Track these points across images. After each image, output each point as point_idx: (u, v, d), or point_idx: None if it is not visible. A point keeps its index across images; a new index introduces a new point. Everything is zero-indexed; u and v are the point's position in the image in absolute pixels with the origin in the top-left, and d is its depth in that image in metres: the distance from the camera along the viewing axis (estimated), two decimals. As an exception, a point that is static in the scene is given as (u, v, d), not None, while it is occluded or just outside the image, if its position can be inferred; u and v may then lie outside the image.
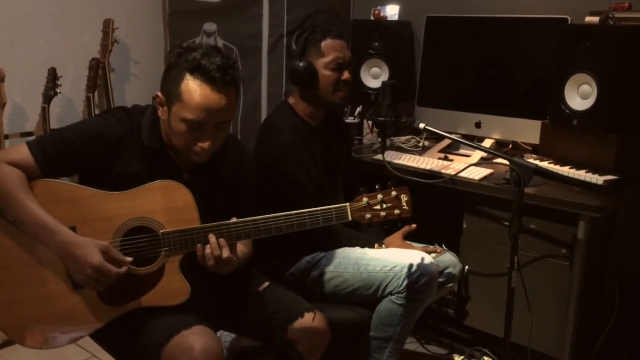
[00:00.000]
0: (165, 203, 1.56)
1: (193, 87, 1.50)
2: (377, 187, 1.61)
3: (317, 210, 1.58)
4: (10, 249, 1.55)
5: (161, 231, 1.56)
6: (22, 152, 1.55)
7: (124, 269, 1.51)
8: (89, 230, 1.53)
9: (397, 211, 1.59)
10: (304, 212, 1.57)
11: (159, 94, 1.57)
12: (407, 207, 1.60)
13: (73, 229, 1.53)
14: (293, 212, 1.57)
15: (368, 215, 1.59)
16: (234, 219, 1.56)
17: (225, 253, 1.53)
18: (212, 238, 1.53)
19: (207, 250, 1.53)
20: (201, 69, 1.50)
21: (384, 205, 1.59)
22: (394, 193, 1.59)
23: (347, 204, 1.59)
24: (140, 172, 1.59)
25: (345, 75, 2.05)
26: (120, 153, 1.59)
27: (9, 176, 1.51)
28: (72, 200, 1.55)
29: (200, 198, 1.58)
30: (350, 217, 1.59)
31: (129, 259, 1.53)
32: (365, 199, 1.59)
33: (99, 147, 1.57)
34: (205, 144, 1.55)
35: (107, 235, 1.55)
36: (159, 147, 1.62)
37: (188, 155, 1.60)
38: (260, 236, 1.58)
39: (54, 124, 2.62)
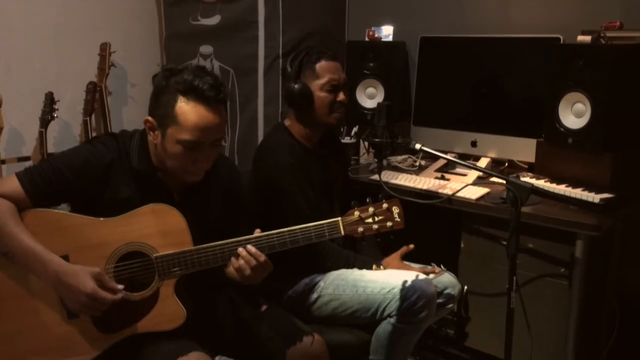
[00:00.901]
0: (158, 227, 1.56)
1: (188, 109, 1.51)
2: (368, 200, 1.61)
3: (310, 226, 1.57)
4: (3, 282, 1.54)
5: (154, 255, 1.55)
6: (11, 183, 1.55)
7: (119, 295, 1.50)
8: (81, 258, 1.53)
9: (389, 223, 1.58)
10: (296, 229, 1.57)
11: (150, 118, 1.57)
12: (399, 219, 1.59)
13: (66, 257, 1.52)
14: (285, 229, 1.57)
15: (361, 229, 1.58)
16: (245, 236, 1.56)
17: (261, 258, 1.54)
18: (242, 252, 1.54)
19: (242, 262, 1.53)
20: (194, 90, 1.51)
21: (376, 218, 1.58)
22: (385, 205, 1.58)
23: (339, 218, 1.58)
24: (131, 197, 1.59)
25: (341, 96, 2.06)
26: (110, 179, 1.59)
27: None
28: (64, 228, 1.55)
29: (192, 218, 1.59)
30: (342, 232, 1.58)
31: (121, 286, 1.52)
32: (356, 213, 1.58)
33: (89, 175, 1.57)
34: (202, 163, 1.56)
35: (100, 262, 1.54)
36: (149, 170, 1.62)
37: (182, 176, 1.60)
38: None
39: (51, 148, 2.62)
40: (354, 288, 1.96)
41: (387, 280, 1.94)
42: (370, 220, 1.58)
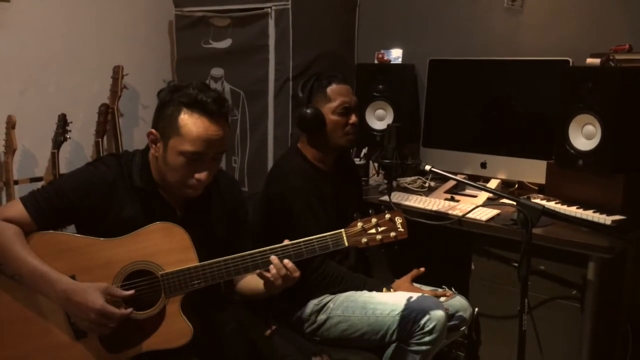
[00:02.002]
0: (163, 245, 1.57)
1: (191, 120, 1.53)
2: (370, 211, 1.60)
3: (313, 239, 1.57)
4: (10, 304, 1.55)
5: (160, 273, 1.56)
6: (16, 208, 1.57)
7: (129, 310, 1.51)
8: (88, 279, 1.53)
9: (393, 234, 1.57)
10: (300, 242, 1.57)
11: (153, 130, 1.60)
12: (402, 229, 1.57)
13: (73, 278, 1.53)
14: (289, 242, 1.57)
15: (364, 240, 1.57)
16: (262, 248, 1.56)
17: (294, 273, 1.55)
18: (275, 259, 1.54)
19: (273, 271, 1.54)
20: (198, 103, 1.54)
21: (379, 229, 1.57)
22: (387, 216, 1.58)
23: (343, 230, 1.58)
24: (135, 215, 1.60)
25: (353, 118, 2.07)
26: (113, 198, 1.61)
27: (5, 232, 1.53)
28: (69, 250, 1.56)
29: (196, 233, 1.59)
30: (346, 243, 1.57)
31: (130, 292, 1.53)
32: (360, 224, 1.57)
33: (92, 196, 1.59)
34: (203, 175, 1.57)
35: (107, 281, 1.55)
36: (151, 187, 1.64)
37: (182, 191, 1.61)
38: (259, 269, 1.57)
39: (63, 169, 2.65)
40: (364, 310, 1.95)
41: (397, 302, 1.93)
42: (373, 231, 1.57)
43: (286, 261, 1.54)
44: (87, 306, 1.47)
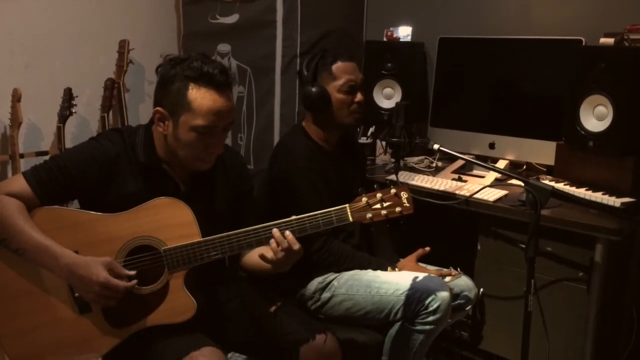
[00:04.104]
0: (166, 220, 1.56)
1: (201, 95, 1.52)
2: (375, 186, 1.58)
3: (317, 214, 1.55)
4: (15, 279, 1.55)
5: (163, 248, 1.55)
6: (19, 183, 1.56)
7: (133, 282, 1.51)
8: (91, 254, 1.53)
9: (398, 209, 1.54)
10: (304, 217, 1.55)
11: (160, 109, 1.57)
12: (408, 204, 1.54)
13: (76, 253, 1.53)
14: (293, 217, 1.55)
15: (369, 215, 1.54)
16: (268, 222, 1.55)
17: (294, 245, 1.52)
18: (276, 232, 1.53)
19: (274, 244, 1.53)
20: (205, 76, 1.52)
21: (384, 204, 1.54)
22: (393, 191, 1.54)
23: (347, 205, 1.55)
24: (138, 191, 1.60)
25: (358, 97, 2.05)
26: (116, 174, 1.60)
27: (7, 206, 1.52)
28: (73, 225, 1.56)
29: (199, 209, 1.59)
30: (350, 218, 1.54)
31: (132, 272, 1.53)
32: (364, 199, 1.54)
33: (94, 171, 1.58)
34: (215, 148, 1.58)
35: (110, 256, 1.55)
36: (155, 163, 1.63)
37: (194, 165, 1.61)
38: (263, 244, 1.56)
39: (69, 143, 2.64)
40: (368, 289, 1.94)
41: (401, 281, 1.92)
42: (378, 206, 1.54)
43: (287, 233, 1.53)
44: (91, 279, 1.47)
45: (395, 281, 1.93)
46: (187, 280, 1.57)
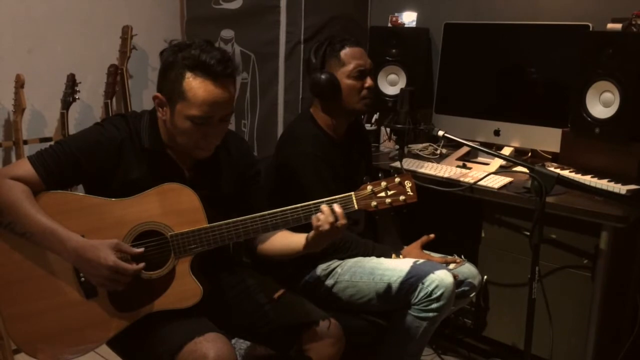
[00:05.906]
0: (172, 206, 1.56)
1: (196, 84, 1.50)
2: (380, 175, 1.59)
3: (323, 201, 1.56)
4: (21, 263, 1.55)
5: (169, 234, 1.56)
6: (24, 167, 1.56)
7: (141, 265, 1.51)
8: (98, 238, 1.53)
9: (402, 197, 1.57)
10: (309, 204, 1.56)
11: (159, 94, 1.57)
12: (412, 193, 1.57)
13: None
14: (299, 204, 1.56)
15: (374, 203, 1.57)
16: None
17: (341, 220, 1.54)
18: (325, 207, 1.54)
19: (321, 216, 1.54)
20: (202, 65, 1.50)
21: (389, 192, 1.57)
22: (397, 179, 1.58)
23: (352, 192, 1.58)
24: (143, 176, 1.60)
25: (368, 82, 2.03)
26: (121, 159, 1.59)
27: (13, 190, 1.52)
28: (79, 210, 1.56)
29: (204, 194, 1.59)
30: (356, 206, 1.57)
31: (140, 249, 1.53)
32: (369, 187, 1.57)
33: (99, 156, 1.58)
34: (211, 138, 1.57)
35: None
36: (159, 148, 1.62)
37: (193, 152, 1.60)
38: (269, 231, 1.58)
39: (72, 130, 2.64)
40: (371, 276, 1.94)
41: (405, 268, 1.92)
42: (383, 194, 1.57)
43: (336, 205, 1.54)
44: (99, 263, 1.47)
45: (399, 268, 1.93)
46: (193, 266, 1.57)
